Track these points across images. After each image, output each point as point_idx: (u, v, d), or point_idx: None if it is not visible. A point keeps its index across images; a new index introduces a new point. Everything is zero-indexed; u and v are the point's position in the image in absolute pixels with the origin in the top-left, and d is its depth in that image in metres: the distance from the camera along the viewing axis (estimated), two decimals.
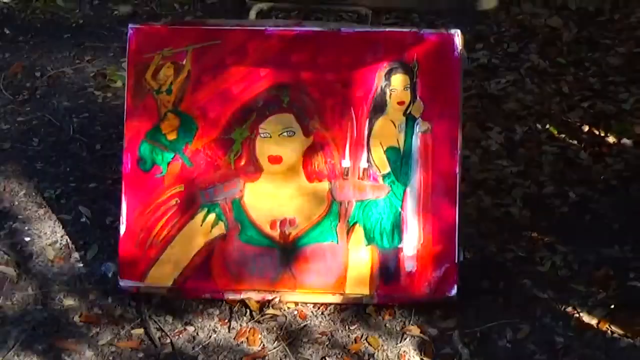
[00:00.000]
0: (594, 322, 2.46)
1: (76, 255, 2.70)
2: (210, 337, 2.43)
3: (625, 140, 3.18)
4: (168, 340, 2.41)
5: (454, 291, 2.48)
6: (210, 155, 2.51)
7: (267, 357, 2.36)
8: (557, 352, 2.37)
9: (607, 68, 3.58)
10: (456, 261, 2.48)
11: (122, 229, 2.51)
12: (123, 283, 2.51)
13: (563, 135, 3.23)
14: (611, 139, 3.20)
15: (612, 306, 2.48)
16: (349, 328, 2.45)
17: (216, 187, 2.51)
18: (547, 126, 3.26)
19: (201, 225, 2.51)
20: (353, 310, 2.50)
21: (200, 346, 2.40)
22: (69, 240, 2.75)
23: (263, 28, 2.52)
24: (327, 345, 2.39)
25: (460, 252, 2.49)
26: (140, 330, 2.45)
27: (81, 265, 2.67)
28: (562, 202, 2.91)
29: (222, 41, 2.52)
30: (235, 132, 2.51)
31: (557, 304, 2.52)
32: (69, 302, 2.54)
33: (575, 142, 3.19)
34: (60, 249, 2.72)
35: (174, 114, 2.52)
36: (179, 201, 2.51)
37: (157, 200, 2.51)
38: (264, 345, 2.40)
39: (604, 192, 2.95)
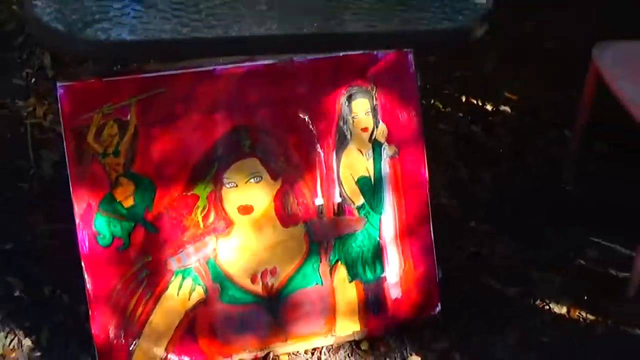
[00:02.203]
0: (564, 310, 2.47)
1: (28, 342, 2.26)
2: None
3: (503, 107, 3.18)
4: None
5: (438, 309, 2.37)
6: (174, 217, 2.17)
7: None
8: (548, 353, 2.35)
9: None
10: (437, 280, 2.36)
11: (92, 318, 2.13)
12: None
13: (449, 109, 3.16)
14: (489, 107, 3.18)
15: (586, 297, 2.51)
16: None
17: (187, 250, 2.18)
18: (432, 101, 3.16)
19: (178, 295, 2.18)
20: (348, 349, 2.32)
21: None
22: (11, 324, 2.30)
23: (211, 68, 2.17)
24: None
25: (439, 270, 2.37)
26: None
27: (39, 354, 2.24)
28: (481, 187, 2.87)
29: (167, 88, 2.14)
30: (198, 186, 2.17)
31: (525, 298, 2.49)
32: None
33: (461, 114, 3.14)
34: (6, 336, 2.27)
35: (127, 177, 2.13)
36: (148, 273, 2.16)
37: (124, 275, 2.14)
38: None
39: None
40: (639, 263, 2.43)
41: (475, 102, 3.19)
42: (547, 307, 2.46)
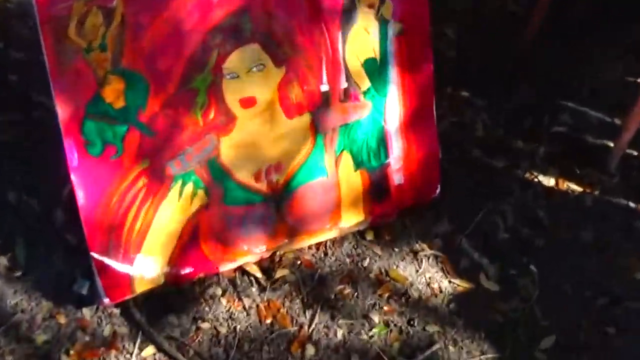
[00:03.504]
0: (552, 183, 2.34)
1: (3, 260, 1.90)
2: (233, 328, 1.89)
3: None
4: (191, 351, 1.87)
5: (438, 190, 2.20)
6: (171, 116, 1.80)
7: (313, 334, 1.94)
8: (545, 227, 2.21)
9: None
10: (439, 160, 2.17)
11: (89, 236, 1.78)
12: (109, 302, 1.86)
13: None
14: None
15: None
16: (362, 266, 2.07)
17: (187, 152, 1.84)
18: None
19: (179, 201, 1.87)
20: (352, 241, 2.10)
21: (230, 346, 1.88)
22: None
23: None
24: (358, 298, 1.99)
25: (439, 150, 2.18)
26: (151, 350, 1.83)
27: (19, 274, 1.89)
28: (447, 43, 2.62)
29: None
30: (197, 79, 1.80)
31: (513, 171, 2.34)
32: (41, 337, 1.82)
33: None
34: None
35: (116, 74, 1.72)
36: (146, 180, 1.81)
37: (120, 187, 1.80)
38: (296, 321, 1.94)
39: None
40: (624, 138, 2.32)
41: None
42: (535, 179, 2.32)
